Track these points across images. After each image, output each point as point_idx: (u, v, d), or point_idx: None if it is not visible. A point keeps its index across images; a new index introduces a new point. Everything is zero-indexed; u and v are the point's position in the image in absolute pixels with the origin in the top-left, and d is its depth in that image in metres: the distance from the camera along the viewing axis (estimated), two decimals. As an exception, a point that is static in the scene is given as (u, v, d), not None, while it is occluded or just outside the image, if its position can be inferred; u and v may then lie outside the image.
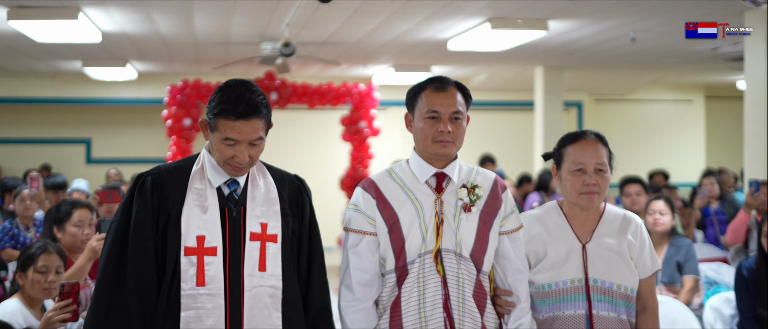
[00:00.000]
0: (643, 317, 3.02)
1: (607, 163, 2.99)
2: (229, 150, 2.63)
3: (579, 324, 2.94)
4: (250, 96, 2.65)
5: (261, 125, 2.67)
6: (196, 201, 2.64)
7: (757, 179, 7.27)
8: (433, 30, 8.85)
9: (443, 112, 2.82)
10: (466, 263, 2.80)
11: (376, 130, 12.15)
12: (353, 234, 2.84)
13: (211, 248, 2.61)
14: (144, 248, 2.60)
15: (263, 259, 2.66)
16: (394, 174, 2.90)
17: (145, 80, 13.42)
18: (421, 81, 2.92)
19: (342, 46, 10.00)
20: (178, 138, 11.62)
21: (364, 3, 7.40)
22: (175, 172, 2.71)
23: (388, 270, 2.80)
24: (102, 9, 7.61)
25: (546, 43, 9.55)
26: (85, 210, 4.65)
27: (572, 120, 15.67)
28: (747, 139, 7.89)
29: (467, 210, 2.82)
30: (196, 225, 2.62)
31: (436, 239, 2.78)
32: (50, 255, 3.82)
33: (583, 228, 3.02)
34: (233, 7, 7.58)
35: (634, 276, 2.98)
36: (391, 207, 2.81)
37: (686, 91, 15.81)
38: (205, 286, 2.59)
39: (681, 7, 7.68)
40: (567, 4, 7.42)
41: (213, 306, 2.59)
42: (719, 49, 10.35)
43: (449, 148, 2.83)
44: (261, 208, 2.71)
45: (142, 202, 2.62)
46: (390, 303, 2.79)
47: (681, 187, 12.83)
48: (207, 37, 9.38)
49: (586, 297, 2.94)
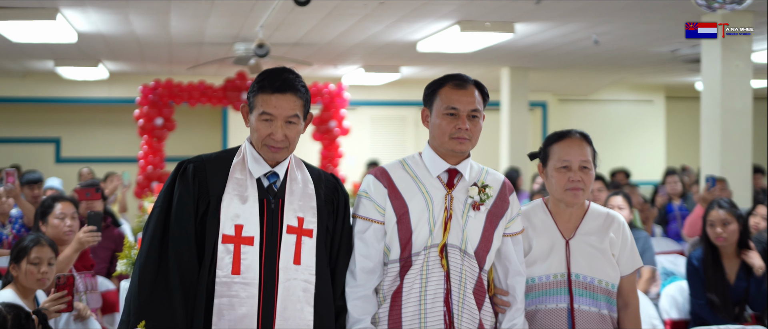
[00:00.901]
0: (624, 314, 3.08)
1: (591, 160, 3.06)
2: (266, 127, 2.68)
3: (560, 318, 3.00)
4: (287, 75, 2.72)
5: (298, 104, 2.71)
6: (235, 190, 2.69)
7: (713, 175, 7.62)
8: (404, 32, 9.07)
9: (462, 110, 2.84)
10: (470, 260, 2.84)
11: (345, 130, 12.36)
12: (361, 221, 2.86)
13: (248, 237, 2.65)
14: (185, 233, 2.65)
15: (299, 253, 2.70)
16: (407, 165, 2.93)
17: (116, 80, 13.49)
18: (440, 77, 2.93)
19: (314, 47, 10.19)
20: (149, 137, 11.75)
21: (338, 6, 7.60)
22: (216, 161, 2.76)
23: (392, 259, 2.83)
24: (80, 10, 7.73)
25: (512, 45, 9.80)
26: (68, 203, 4.83)
27: (537, 120, 15.99)
28: (703, 137, 8.20)
29: (476, 209, 2.86)
30: (234, 214, 2.66)
31: (444, 234, 2.81)
32: (43, 248, 3.99)
33: (567, 224, 3.09)
34: (210, 8, 7.75)
35: (615, 272, 3.05)
36: (402, 197, 2.83)
37: (647, 92, 16.19)
38: (240, 275, 2.63)
39: (641, 12, 7.98)
40: (533, 8, 7.68)
41: (247, 295, 2.62)
42: (678, 51, 10.68)
43: (466, 145, 2.85)
44: (299, 202, 2.74)
45: (184, 188, 2.67)
46: (391, 293, 2.82)
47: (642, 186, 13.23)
48: (181, 38, 9.52)
49: (568, 291, 3.01)
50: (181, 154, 14.18)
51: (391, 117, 15.35)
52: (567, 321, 2.99)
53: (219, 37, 9.47)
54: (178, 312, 2.59)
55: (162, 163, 11.81)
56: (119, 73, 13.21)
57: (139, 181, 11.62)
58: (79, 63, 11.56)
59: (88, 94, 13.92)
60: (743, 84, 7.97)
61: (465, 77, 2.90)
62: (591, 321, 3.00)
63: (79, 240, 4.47)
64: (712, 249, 4.54)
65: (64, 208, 4.72)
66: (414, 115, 15.33)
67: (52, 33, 8.32)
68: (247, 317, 2.61)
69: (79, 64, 11.59)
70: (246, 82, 11.60)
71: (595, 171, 3.09)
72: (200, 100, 11.75)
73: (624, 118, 15.93)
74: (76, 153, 14.54)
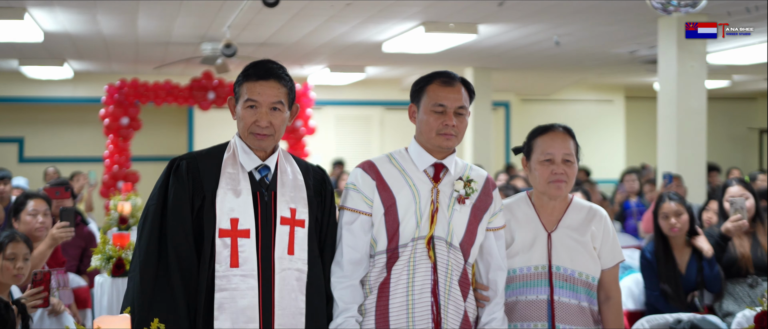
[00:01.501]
0: (606, 307, 3.12)
1: (574, 153, 3.10)
2: (251, 114, 2.74)
3: (540, 309, 3.04)
4: (271, 64, 2.80)
5: (282, 92, 2.77)
6: (229, 184, 2.73)
7: (670, 172, 7.87)
8: (369, 32, 9.21)
9: (449, 106, 2.88)
10: (455, 252, 2.88)
11: (311, 129, 12.46)
12: (349, 213, 2.90)
13: (244, 230, 2.70)
14: (183, 228, 2.68)
15: (292, 243, 2.75)
16: (394, 159, 2.97)
17: (81, 79, 13.44)
18: (428, 74, 2.97)
19: (280, 47, 10.28)
20: (115, 136, 11.74)
21: (305, 7, 7.71)
22: (207, 157, 2.80)
23: (379, 251, 2.87)
24: (48, 9, 7.75)
25: (475, 46, 9.98)
26: (40, 200, 4.89)
27: (500, 119, 16.20)
28: (660, 136, 8.46)
29: (461, 202, 2.91)
30: (229, 208, 2.71)
31: (430, 226, 2.85)
32: (18, 244, 4.04)
33: (549, 217, 3.12)
34: (178, 8, 7.81)
35: (596, 265, 3.08)
36: (389, 189, 2.88)
37: (607, 92, 16.47)
38: (239, 267, 2.67)
39: (600, 14, 8.20)
40: (496, 10, 7.86)
41: (247, 287, 2.67)
42: (636, 52, 10.94)
43: (452, 141, 2.90)
44: (290, 194, 2.80)
45: (179, 185, 2.71)
46: (378, 284, 2.86)
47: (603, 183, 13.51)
48: (148, 38, 9.55)
49: (548, 283, 3.04)
50: (148, 154, 14.22)
51: (356, 116, 15.47)
52: (547, 313, 3.03)
53: (186, 37, 9.52)
54: (181, 307, 2.62)
55: (128, 162, 11.80)
56: (84, 73, 13.16)
57: (105, 181, 11.60)
58: (44, 62, 11.52)
59: (52, 93, 13.86)
60: (698, 84, 8.24)
61: (452, 75, 2.95)
62: (570, 313, 3.04)
63: (53, 236, 4.52)
64: (664, 241, 4.73)
65: (37, 205, 4.78)
66: (379, 114, 15.45)
67: (18, 32, 8.33)
68: (248, 308, 2.66)
69: (44, 63, 11.56)
70: (212, 82, 11.65)
71: (578, 164, 3.13)
72: (166, 100, 11.77)
73: (585, 117, 16.16)
74: (40, 152, 14.45)
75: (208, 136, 14.12)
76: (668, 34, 8.28)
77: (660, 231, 4.74)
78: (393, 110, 15.41)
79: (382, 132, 15.48)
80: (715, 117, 17.28)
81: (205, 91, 11.71)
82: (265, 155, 2.82)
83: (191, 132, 14.62)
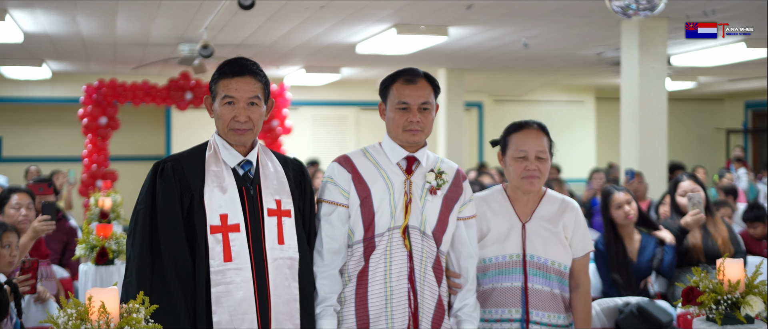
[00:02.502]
0: (576, 294, 3.24)
1: (547, 150, 3.21)
2: (229, 110, 2.81)
3: (515, 295, 3.16)
4: (245, 61, 2.86)
5: (257, 87, 2.84)
6: (215, 182, 2.79)
7: (632, 168, 8.18)
8: (343, 34, 9.42)
9: (412, 103, 2.98)
10: (428, 240, 2.99)
11: (287, 129, 12.63)
12: (326, 205, 2.99)
13: (234, 225, 2.76)
14: (174, 227, 2.73)
15: (281, 233, 2.83)
16: (368, 153, 3.07)
17: (59, 79, 13.54)
18: (393, 73, 3.08)
19: (257, 48, 10.47)
20: (93, 136, 11.85)
21: (281, 9, 7.92)
22: (190, 158, 2.86)
23: (356, 241, 2.97)
24: (28, 11, 7.91)
25: (447, 48, 10.23)
26: (24, 194, 5.10)
27: (473, 119, 16.46)
28: (623, 135, 8.75)
29: (433, 193, 3.01)
30: (218, 204, 2.77)
31: (405, 216, 2.96)
32: (10, 233, 4.25)
33: (524, 209, 3.24)
34: (156, 10, 7.99)
35: (567, 254, 3.21)
36: (364, 182, 2.99)
37: (578, 93, 16.79)
38: (233, 261, 2.73)
39: (566, 17, 8.47)
40: (465, 13, 8.11)
41: (241, 280, 2.73)
42: (603, 54, 11.22)
43: (418, 136, 3.00)
44: (274, 186, 2.88)
45: (167, 186, 2.75)
46: (356, 273, 2.97)
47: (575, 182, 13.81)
48: (126, 38, 9.72)
49: (522, 271, 3.16)
50: (126, 153, 14.35)
51: (331, 116, 15.66)
52: (521, 299, 3.15)
53: (164, 38, 9.69)
54: (179, 305, 2.67)
55: (106, 161, 11.92)
56: (62, 73, 13.27)
57: (84, 180, 11.72)
58: (22, 63, 11.62)
59: (30, 93, 13.95)
60: (658, 85, 8.54)
61: (415, 71, 3.04)
62: (543, 299, 3.16)
63: (35, 228, 4.71)
64: (615, 232, 4.98)
65: (20, 199, 4.99)
66: (354, 114, 15.66)
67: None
68: (245, 300, 2.72)
69: (23, 63, 11.66)
70: (189, 82, 11.80)
71: (551, 160, 3.25)
72: (144, 100, 11.88)
73: (556, 117, 16.38)
74: (18, 152, 14.53)
75: (186, 135, 14.27)
76: (630, 37, 8.57)
77: (610, 222, 4.96)
78: (368, 110, 15.64)
79: (357, 132, 15.68)
80: (683, 117, 17.71)
81: (183, 92, 11.86)
82: (245, 151, 2.89)
83: (169, 131, 14.73)
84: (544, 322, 3.17)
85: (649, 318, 4.11)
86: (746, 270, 2.91)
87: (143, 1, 7.65)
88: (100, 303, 2.24)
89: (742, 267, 2.86)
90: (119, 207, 7.18)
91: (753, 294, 2.79)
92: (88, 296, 2.25)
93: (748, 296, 2.78)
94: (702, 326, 2.83)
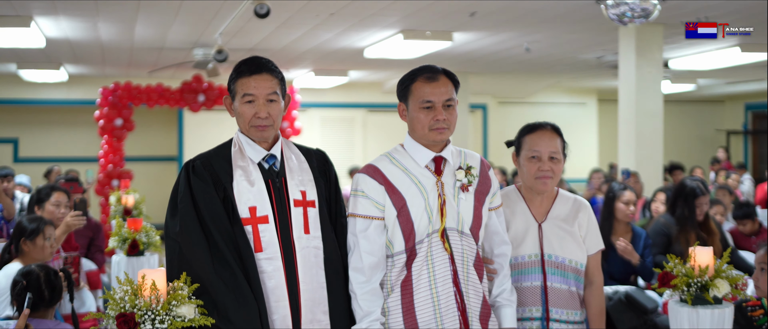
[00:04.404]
0: (589, 291, 3.26)
1: (560, 151, 3.21)
2: (250, 108, 2.88)
3: (535, 294, 3.18)
4: (261, 59, 2.93)
5: (274, 83, 2.90)
6: (242, 177, 2.88)
7: (628, 168, 8.51)
8: (352, 39, 9.76)
9: (437, 101, 2.91)
10: (467, 238, 2.95)
11: (297, 130, 12.96)
12: (361, 220, 2.92)
13: (263, 217, 2.84)
14: (219, 213, 2.82)
15: (307, 223, 2.90)
16: (394, 159, 2.99)
17: (75, 82, 13.87)
18: (411, 71, 2.99)
19: (268, 53, 10.77)
20: (109, 137, 12.20)
21: (292, 16, 8.25)
22: (217, 156, 2.94)
23: (397, 252, 2.91)
24: (52, 17, 8.26)
25: (451, 52, 10.55)
26: (62, 193, 5.48)
27: (478, 120, 16.72)
28: (621, 136, 9.08)
29: (465, 190, 2.96)
30: (247, 197, 2.85)
31: (441, 218, 2.91)
32: (50, 227, 4.62)
33: (539, 209, 3.26)
34: (174, 16, 8.33)
35: (582, 252, 3.23)
36: (398, 191, 2.91)
37: (581, 95, 17.06)
38: (264, 251, 2.82)
39: (565, 23, 8.79)
40: (468, 20, 8.44)
41: (273, 269, 2.82)
42: (603, 57, 11.54)
43: (445, 134, 2.93)
44: (298, 177, 2.95)
45: (202, 180, 2.86)
46: (399, 283, 2.90)
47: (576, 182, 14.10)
48: (143, 43, 10.06)
49: (541, 270, 3.18)
50: (140, 154, 14.71)
51: (339, 118, 15.93)
52: (541, 297, 3.17)
53: (179, 43, 10.02)
54: (239, 277, 2.75)
55: (122, 161, 12.26)
56: (78, 76, 13.60)
57: (100, 179, 12.07)
58: (41, 66, 11.95)
59: (47, 95, 14.28)
60: (655, 88, 8.86)
61: (434, 68, 2.97)
62: (562, 297, 3.19)
63: (67, 223, 5.09)
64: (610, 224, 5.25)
65: (59, 197, 5.37)
66: (362, 116, 15.92)
67: (23, 39, 8.79)
68: (277, 288, 2.81)
69: (42, 66, 11.99)
70: (202, 85, 12.14)
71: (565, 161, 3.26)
72: (158, 102, 12.22)
73: (560, 119, 16.26)
74: (34, 153, 14.87)
75: (198, 136, 14.58)
76: (628, 42, 8.89)
77: (612, 215, 5.24)
78: (375, 112, 15.86)
79: (365, 133, 15.90)
80: (684, 118, 18.02)
81: (195, 94, 12.22)
82: (268, 145, 2.95)
83: (181, 133, 15.00)
84: (563, 320, 3.21)
85: (636, 305, 4.42)
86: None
87: (163, 8, 7.97)
88: (152, 281, 2.60)
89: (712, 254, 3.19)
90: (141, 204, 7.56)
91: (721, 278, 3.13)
92: (141, 275, 2.61)
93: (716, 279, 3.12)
94: (676, 306, 3.15)
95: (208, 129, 14.30)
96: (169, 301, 2.59)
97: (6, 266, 4.54)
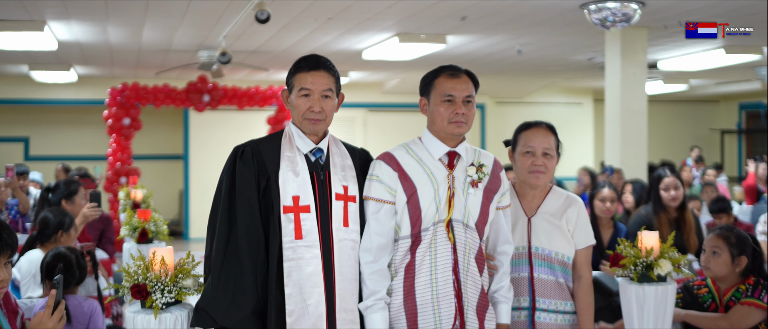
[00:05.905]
0: (578, 285, 3.38)
1: (554, 148, 3.36)
2: (305, 101, 3.00)
3: (522, 285, 3.32)
4: (319, 57, 3.06)
5: (331, 80, 3.04)
6: (289, 166, 2.99)
7: (611, 165, 8.86)
8: (350, 42, 10.08)
9: (457, 96, 3.04)
10: (471, 232, 3.06)
11: (298, 129, 13.25)
12: (374, 202, 3.05)
13: (305, 206, 2.96)
14: (250, 205, 2.95)
15: (346, 216, 3.02)
16: (411, 150, 3.12)
17: (84, 82, 14.17)
18: (435, 69, 3.13)
19: (269, 54, 11.14)
20: (117, 136, 12.56)
21: (292, 20, 8.60)
22: (267, 143, 3.07)
23: (403, 236, 3.03)
24: (64, 22, 8.63)
25: (446, 54, 10.85)
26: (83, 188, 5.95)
27: (475, 120, 16.91)
28: (607, 135, 9.42)
29: (474, 186, 3.08)
30: (291, 187, 2.97)
31: (449, 210, 3.02)
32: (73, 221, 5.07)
33: (530, 204, 3.39)
34: (180, 20, 8.68)
35: (570, 246, 3.36)
36: (410, 179, 3.03)
37: (576, 95, 17.31)
38: (303, 239, 2.94)
39: (554, 26, 9.11)
40: (460, 23, 8.77)
41: (311, 256, 2.94)
42: (594, 59, 11.85)
43: (463, 128, 3.07)
44: (342, 173, 3.07)
45: (246, 167, 2.99)
46: (403, 266, 3.03)
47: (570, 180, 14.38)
48: (150, 46, 10.41)
49: (528, 262, 3.32)
50: (147, 152, 15.07)
51: (340, 118, 16.04)
52: (528, 288, 3.32)
53: (185, 45, 10.36)
54: (246, 271, 2.90)
55: (129, 160, 12.60)
56: (87, 77, 13.93)
57: (108, 177, 12.44)
58: (52, 67, 12.29)
59: (56, 95, 14.58)
60: (639, 89, 9.20)
61: (457, 67, 3.11)
62: (548, 288, 3.32)
63: (84, 214, 5.52)
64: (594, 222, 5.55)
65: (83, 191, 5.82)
66: (362, 115, 16.15)
67: (36, 42, 9.15)
68: (314, 275, 2.94)
69: (52, 68, 12.33)
70: (207, 86, 12.47)
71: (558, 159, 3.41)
72: (164, 102, 12.56)
73: (556, 118, 16.38)
74: (44, 151, 15.18)
75: (203, 135, 14.83)
76: (613, 45, 9.23)
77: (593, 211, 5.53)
78: (375, 112, 16.10)
79: (365, 132, 16.13)
80: (678, 118, 18.32)
81: (201, 94, 12.55)
82: (317, 139, 3.08)
83: (187, 132, 15.19)
84: (551, 309, 3.33)
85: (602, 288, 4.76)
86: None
87: (170, 13, 8.29)
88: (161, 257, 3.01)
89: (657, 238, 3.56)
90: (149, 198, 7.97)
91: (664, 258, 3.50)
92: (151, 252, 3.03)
93: (660, 259, 3.49)
94: (625, 283, 3.51)
95: (213, 128, 14.61)
96: (176, 274, 3.01)
97: (28, 252, 4.94)
